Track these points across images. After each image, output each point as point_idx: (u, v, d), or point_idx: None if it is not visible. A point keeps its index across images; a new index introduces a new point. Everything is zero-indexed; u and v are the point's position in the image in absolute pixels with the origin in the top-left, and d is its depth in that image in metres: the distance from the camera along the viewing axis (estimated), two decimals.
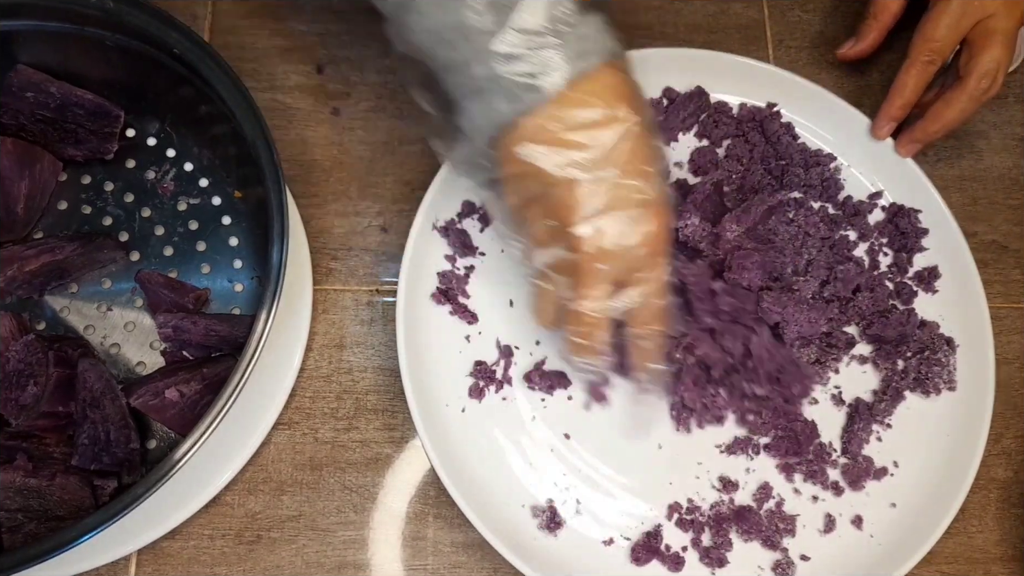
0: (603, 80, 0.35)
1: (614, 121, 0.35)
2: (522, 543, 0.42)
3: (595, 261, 0.36)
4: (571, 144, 0.35)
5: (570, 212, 0.35)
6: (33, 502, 0.40)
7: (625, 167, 0.35)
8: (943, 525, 0.43)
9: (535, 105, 0.34)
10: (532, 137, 0.35)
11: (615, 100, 0.35)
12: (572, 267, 0.36)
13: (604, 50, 0.35)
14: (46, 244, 0.45)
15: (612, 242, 0.35)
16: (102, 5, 0.42)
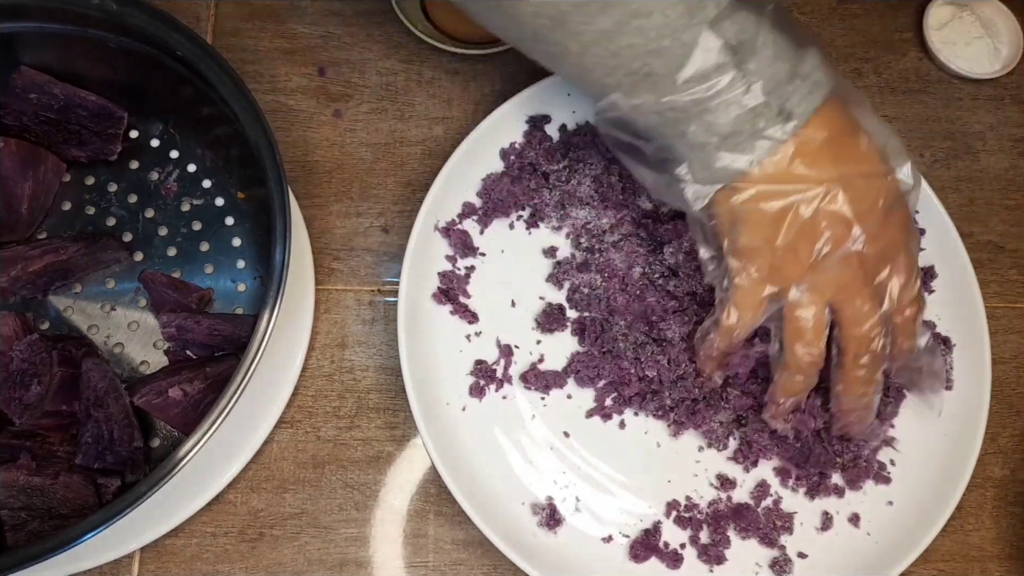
0: (830, 117, 0.36)
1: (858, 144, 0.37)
2: (522, 540, 0.42)
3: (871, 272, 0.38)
4: (808, 182, 0.36)
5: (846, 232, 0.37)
6: (37, 500, 0.40)
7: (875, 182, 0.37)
8: (940, 523, 0.43)
9: (769, 153, 0.36)
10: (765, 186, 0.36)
11: (841, 141, 0.37)
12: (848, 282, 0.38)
13: (825, 85, 0.36)
14: (50, 244, 0.45)
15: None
16: (105, 7, 0.42)
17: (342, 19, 0.54)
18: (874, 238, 0.37)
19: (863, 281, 0.38)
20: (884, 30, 0.58)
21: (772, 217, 0.37)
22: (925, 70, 0.57)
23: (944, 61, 0.56)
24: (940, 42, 0.56)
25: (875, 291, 0.38)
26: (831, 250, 0.37)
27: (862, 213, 0.37)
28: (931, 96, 0.56)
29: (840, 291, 0.38)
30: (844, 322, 0.39)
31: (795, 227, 0.37)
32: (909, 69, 0.57)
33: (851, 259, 0.37)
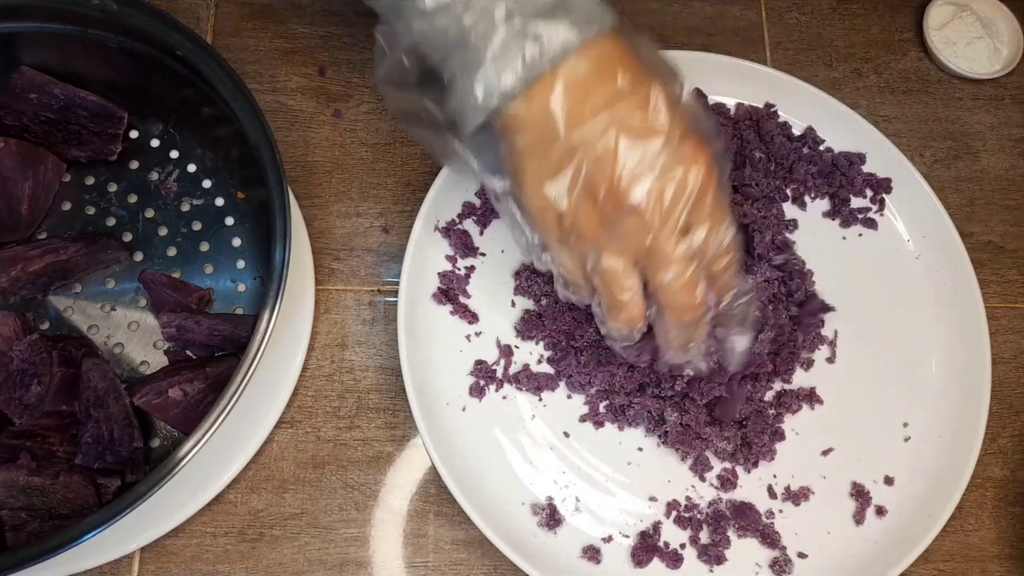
0: (611, 47, 0.34)
1: (640, 86, 0.33)
2: (522, 540, 0.42)
3: (663, 218, 0.34)
4: (598, 107, 0.33)
5: (620, 178, 0.33)
6: (37, 500, 0.40)
7: (659, 121, 0.34)
8: (940, 523, 0.43)
9: (544, 72, 0.33)
10: (552, 101, 0.33)
11: (632, 66, 0.34)
12: (636, 236, 0.34)
13: (605, 20, 0.34)
14: (50, 244, 0.45)
15: (671, 196, 0.34)
16: (105, 7, 0.42)
17: (342, 19, 0.54)
18: (661, 187, 0.34)
19: (663, 235, 0.35)
20: (884, 30, 0.58)
21: (551, 172, 0.34)
22: (925, 70, 0.57)
23: (944, 61, 0.56)
24: (940, 42, 0.56)
25: (679, 243, 0.35)
26: (615, 206, 0.34)
27: (641, 162, 0.33)
28: (931, 96, 0.56)
29: (639, 251, 0.35)
30: (653, 287, 0.36)
31: (575, 186, 0.34)
32: (909, 69, 0.57)
33: (641, 213, 0.34)
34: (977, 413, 0.46)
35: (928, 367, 0.48)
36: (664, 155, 0.34)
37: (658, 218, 0.34)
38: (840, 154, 0.51)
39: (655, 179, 0.34)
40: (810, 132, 0.51)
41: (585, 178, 0.34)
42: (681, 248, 0.35)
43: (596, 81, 0.33)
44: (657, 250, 0.35)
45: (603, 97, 0.33)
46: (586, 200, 0.35)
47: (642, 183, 0.34)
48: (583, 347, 0.45)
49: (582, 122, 0.33)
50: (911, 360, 0.48)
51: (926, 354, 0.48)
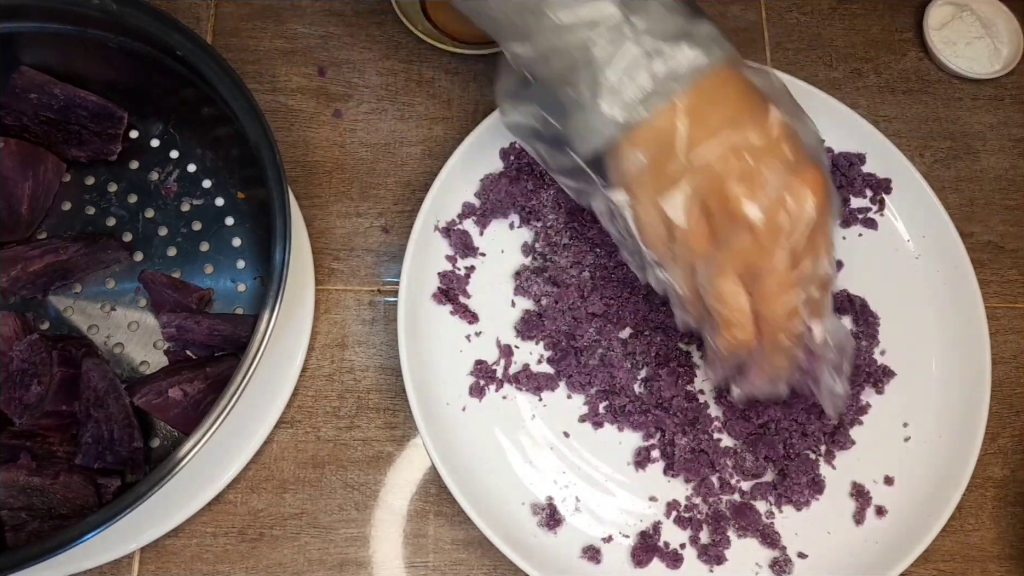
0: (732, 73, 0.35)
1: (760, 111, 0.35)
2: (522, 540, 0.42)
3: (775, 238, 0.34)
4: (719, 126, 0.34)
5: (736, 195, 0.34)
6: (37, 500, 0.40)
7: (779, 147, 0.35)
8: (940, 523, 0.43)
9: (672, 92, 0.34)
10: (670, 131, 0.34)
11: (750, 91, 0.35)
12: (748, 253, 0.35)
13: (725, 47, 0.35)
14: (50, 244, 0.45)
15: (787, 219, 0.34)
16: (105, 7, 0.42)
17: (342, 19, 0.54)
18: (777, 208, 0.34)
19: (775, 256, 0.35)
20: (884, 30, 0.58)
21: (668, 187, 0.35)
22: (925, 70, 0.57)
23: (944, 61, 0.56)
24: (940, 42, 0.56)
25: (785, 265, 0.35)
26: (730, 221, 0.35)
27: (759, 181, 0.34)
28: (931, 96, 0.56)
29: (749, 269, 0.35)
30: (757, 305, 0.36)
31: (691, 201, 0.35)
32: (909, 69, 0.57)
33: (755, 230, 0.34)
34: (977, 413, 0.46)
35: (928, 367, 0.48)
36: (782, 176, 0.34)
37: (772, 238, 0.34)
38: (840, 154, 0.51)
39: (772, 199, 0.34)
40: None
41: (702, 193, 0.35)
42: (792, 272, 0.35)
43: (718, 103, 0.35)
44: (767, 270, 0.35)
45: (723, 118, 0.34)
46: (700, 215, 0.35)
47: (758, 200, 0.34)
48: (583, 347, 0.45)
49: (702, 141, 0.34)
50: (911, 360, 0.48)
51: (926, 354, 0.48)
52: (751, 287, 0.36)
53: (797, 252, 0.35)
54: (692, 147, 0.34)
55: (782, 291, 0.36)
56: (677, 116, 0.34)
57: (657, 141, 0.35)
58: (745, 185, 0.34)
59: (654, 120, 0.35)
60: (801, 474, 0.44)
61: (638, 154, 0.35)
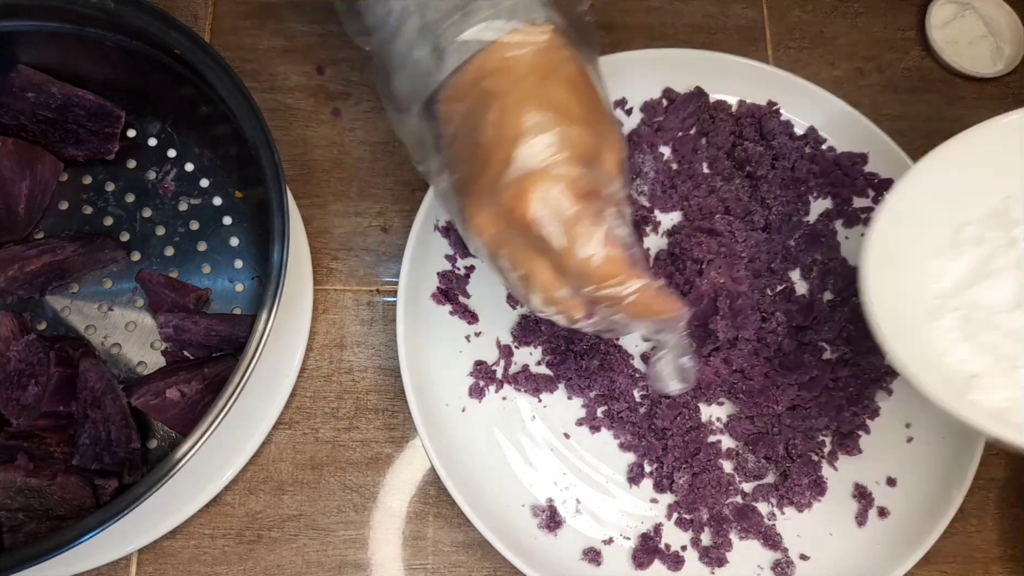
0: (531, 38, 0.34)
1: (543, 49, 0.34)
2: (522, 542, 0.42)
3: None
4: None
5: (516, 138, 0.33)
6: (34, 501, 0.40)
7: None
8: (942, 525, 0.43)
9: (462, 62, 0.33)
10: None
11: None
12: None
13: (531, 13, 0.34)
14: (47, 244, 0.45)
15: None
16: (103, 6, 0.42)
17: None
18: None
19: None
20: (886, 29, 0.57)
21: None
22: (927, 69, 0.56)
23: (947, 60, 0.55)
24: (943, 41, 0.56)
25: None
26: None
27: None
28: (934, 95, 0.56)
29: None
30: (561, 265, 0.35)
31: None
32: (911, 68, 0.56)
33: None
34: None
35: None
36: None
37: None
38: (842, 154, 0.51)
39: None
40: (812, 131, 0.51)
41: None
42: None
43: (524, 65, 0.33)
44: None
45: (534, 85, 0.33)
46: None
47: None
48: (582, 351, 0.45)
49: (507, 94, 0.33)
50: None
51: None
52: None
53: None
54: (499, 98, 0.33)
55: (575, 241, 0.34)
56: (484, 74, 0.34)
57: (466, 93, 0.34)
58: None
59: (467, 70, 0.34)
60: (803, 475, 0.44)
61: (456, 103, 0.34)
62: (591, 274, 0.33)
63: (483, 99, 0.34)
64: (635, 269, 0.34)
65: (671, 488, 0.44)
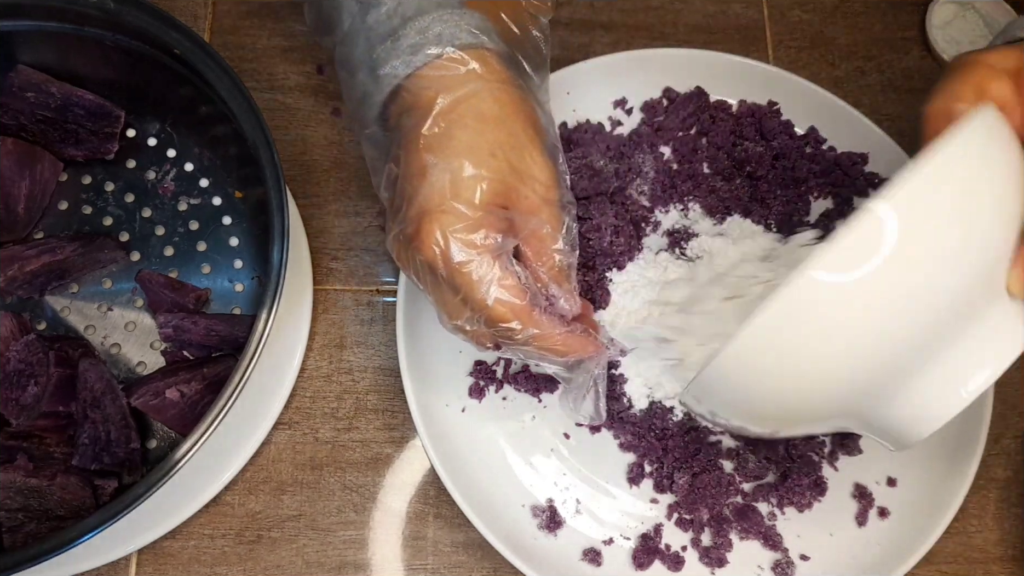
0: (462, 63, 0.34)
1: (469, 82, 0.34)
2: (522, 543, 0.42)
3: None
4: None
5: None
6: (33, 502, 0.40)
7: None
8: (942, 525, 0.43)
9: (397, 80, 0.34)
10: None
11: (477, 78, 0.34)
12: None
13: (457, 39, 0.34)
14: (47, 244, 0.45)
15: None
16: (102, 5, 0.42)
17: None
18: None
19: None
20: (887, 28, 0.57)
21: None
22: (928, 69, 0.56)
23: (947, 60, 0.55)
24: (943, 40, 0.56)
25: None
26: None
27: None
28: None
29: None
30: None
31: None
32: (912, 68, 0.56)
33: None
34: (980, 413, 0.45)
35: None
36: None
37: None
38: (843, 154, 0.50)
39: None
40: (813, 131, 0.51)
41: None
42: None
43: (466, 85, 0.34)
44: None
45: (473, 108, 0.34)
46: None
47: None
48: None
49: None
50: None
51: None
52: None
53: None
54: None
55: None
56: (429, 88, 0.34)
57: (419, 108, 0.34)
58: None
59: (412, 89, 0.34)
60: (803, 475, 0.44)
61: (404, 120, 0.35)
62: (486, 315, 0.34)
63: (400, 132, 0.35)
64: (532, 315, 0.34)
65: (671, 488, 0.44)
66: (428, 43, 0.34)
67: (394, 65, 0.34)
